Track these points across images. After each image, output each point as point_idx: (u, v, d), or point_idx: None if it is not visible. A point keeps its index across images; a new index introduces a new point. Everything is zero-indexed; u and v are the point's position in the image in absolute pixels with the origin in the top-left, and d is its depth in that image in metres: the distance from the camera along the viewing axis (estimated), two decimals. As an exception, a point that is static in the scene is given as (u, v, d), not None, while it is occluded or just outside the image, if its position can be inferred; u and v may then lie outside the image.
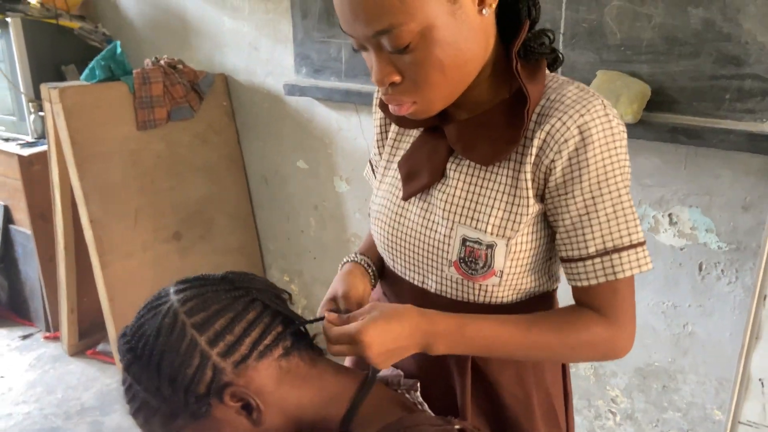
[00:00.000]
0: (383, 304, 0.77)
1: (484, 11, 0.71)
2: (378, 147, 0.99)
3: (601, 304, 0.79)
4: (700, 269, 1.63)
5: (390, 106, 0.77)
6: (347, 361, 1.03)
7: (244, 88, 2.53)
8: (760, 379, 1.11)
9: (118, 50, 2.27)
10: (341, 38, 2.07)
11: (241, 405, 0.70)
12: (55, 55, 2.79)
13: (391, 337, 0.73)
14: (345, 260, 0.97)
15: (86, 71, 2.27)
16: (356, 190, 2.31)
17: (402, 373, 0.86)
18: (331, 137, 2.29)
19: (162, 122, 2.36)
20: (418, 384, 0.83)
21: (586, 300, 0.80)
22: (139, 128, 2.31)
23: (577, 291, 0.81)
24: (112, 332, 2.33)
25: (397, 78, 0.72)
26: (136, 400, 0.71)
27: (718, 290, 1.61)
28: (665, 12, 1.46)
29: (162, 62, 2.39)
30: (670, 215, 1.63)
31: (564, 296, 0.88)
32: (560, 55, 0.81)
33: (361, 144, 2.21)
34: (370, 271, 0.95)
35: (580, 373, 1.92)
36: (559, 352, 0.80)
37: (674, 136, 1.48)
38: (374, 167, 1.03)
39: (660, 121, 1.50)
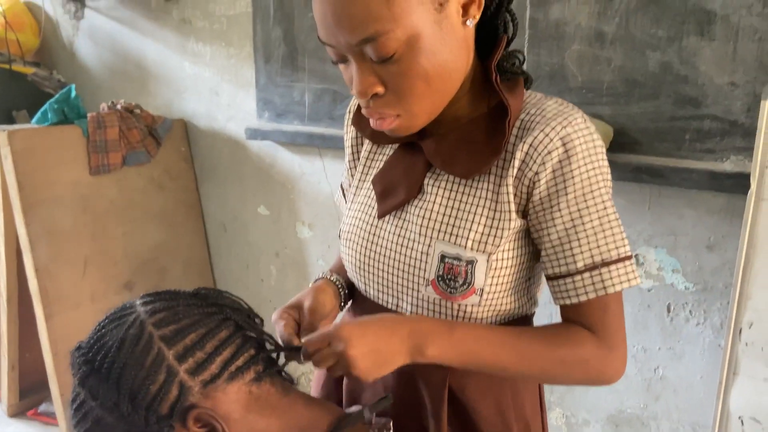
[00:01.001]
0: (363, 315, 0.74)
1: (468, 22, 0.70)
2: (350, 168, 0.96)
3: (592, 322, 0.75)
4: (669, 310, 1.61)
5: (371, 121, 0.74)
6: (313, 391, 0.96)
7: (204, 133, 2.48)
8: (739, 417, 1.08)
9: (73, 94, 2.21)
10: (305, 82, 2.06)
11: (205, 431, 0.64)
12: (6, 101, 2.70)
13: (371, 332, 0.69)
14: (318, 277, 0.93)
15: (38, 114, 2.19)
16: (319, 235, 2.25)
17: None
18: (293, 182, 2.25)
19: (116, 167, 2.29)
20: (391, 423, 0.77)
21: (577, 319, 0.77)
22: (92, 173, 2.23)
23: (566, 310, 0.78)
24: (55, 391, 2.17)
25: (380, 89, 0.70)
26: (87, 420, 0.63)
27: (687, 332, 1.60)
28: (624, 55, 1.49)
29: (119, 106, 2.33)
30: (636, 256, 1.62)
31: (541, 322, 0.84)
32: (530, 76, 0.80)
33: (325, 188, 2.16)
34: (341, 292, 0.90)
35: (551, 422, 1.86)
36: (549, 367, 0.76)
37: (637, 175, 1.48)
38: (345, 192, 1.00)
39: (623, 161, 1.51)
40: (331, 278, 0.91)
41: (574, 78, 1.56)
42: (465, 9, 0.70)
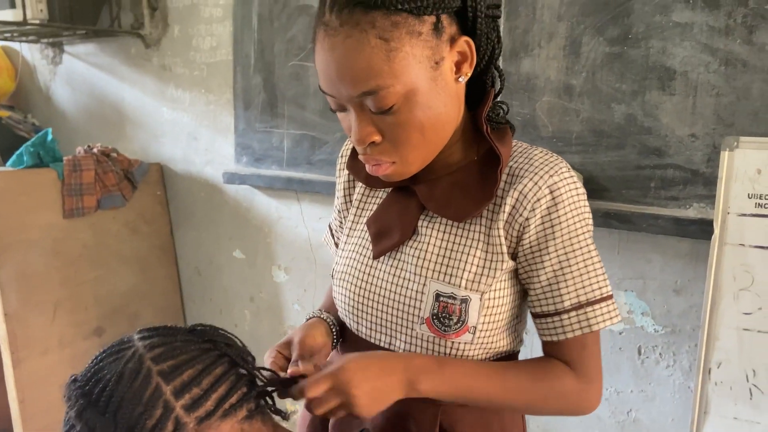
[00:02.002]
0: (355, 353, 0.76)
1: (460, 79, 0.76)
2: (341, 211, 0.99)
3: (572, 358, 0.81)
4: (639, 353, 1.65)
5: (368, 166, 0.79)
6: (299, 430, 0.96)
7: (181, 177, 2.49)
8: (712, 457, 1.11)
9: (49, 137, 2.21)
10: (284, 128, 2.10)
11: None
12: (-22, 143, 2.68)
13: (372, 371, 0.72)
14: (310, 315, 0.95)
15: (13, 157, 2.18)
16: (295, 279, 2.25)
17: None
18: (270, 226, 2.26)
19: (91, 210, 2.27)
20: None
21: (558, 354, 0.82)
22: (66, 216, 2.21)
23: (548, 346, 0.83)
24: (17, 440, 2.09)
25: (377, 138, 0.75)
26: None
27: (658, 374, 1.63)
28: (591, 107, 1.57)
29: (95, 150, 2.34)
30: (607, 299, 1.66)
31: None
32: (513, 125, 0.86)
33: (302, 232, 2.18)
34: (333, 330, 0.92)
35: (527, 467, 1.86)
36: (532, 400, 0.81)
37: (607, 221, 1.54)
38: (333, 232, 1.03)
39: (593, 207, 1.53)
40: (322, 316, 0.93)
41: (545, 128, 1.64)
42: (458, 67, 0.76)
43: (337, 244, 1.04)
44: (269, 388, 0.72)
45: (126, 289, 2.41)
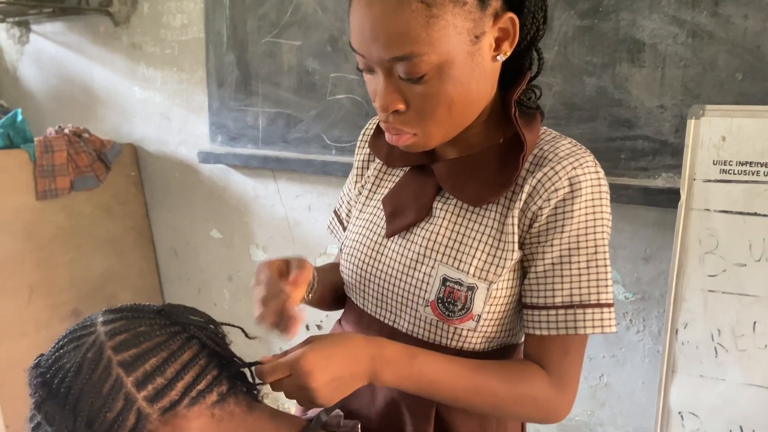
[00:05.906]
0: (322, 335, 0.72)
1: (498, 57, 0.72)
2: (350, 191, 0.97)
3: (551, 361, 0.77)
4: (611, 320, 1.70)
5: (387, 135, 0.76)
6: (295, 410, 0.96)
7: (154, 157, 2.47)
8: (679, 412, 1.16)
9: (19, 117, 2.17)
10: (258, 106, 2.09)
11: None
12: (-57, 126, 2.62)
13: (334, 362, 0.67)
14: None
15: (-19, 139, 2.14)
16: (274, 258, 2.26)
17: (342, 413, 0.81)
18: (246, 205, 2.26)
19: (64, 192, 2.24)
20: (359, 425, 0.78)
21: (537, 353, 0.78)
22: (39, 198, 2.18)
23: (530, 340, 0.79)
24: (0, 423, 2.08)
25: (402, 106, 0.72)
26: None
27: (629, 340, 1.69)
28: (563, 81, 1.59)
29: (66, 131, 2.30)
30: (580, 269, 1.71)
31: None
32: (543, 111, 0.82)
33: (279, 210, 2.19)
34: (314, 282, 0.88)
35: None
36: (501, 402, 0.76)
37: (579, 192, 1.58)
38: (342, 217, 1.00)
39: (565, 179, 1.60)
40: (314, 273, 0.89)
41: (518, 102, 1.66)
42: (498, 44, 0.71)
43: (345, 228, 0.99)
44: (240, 368, 0.70)
45: (102, 271, 2.39)
